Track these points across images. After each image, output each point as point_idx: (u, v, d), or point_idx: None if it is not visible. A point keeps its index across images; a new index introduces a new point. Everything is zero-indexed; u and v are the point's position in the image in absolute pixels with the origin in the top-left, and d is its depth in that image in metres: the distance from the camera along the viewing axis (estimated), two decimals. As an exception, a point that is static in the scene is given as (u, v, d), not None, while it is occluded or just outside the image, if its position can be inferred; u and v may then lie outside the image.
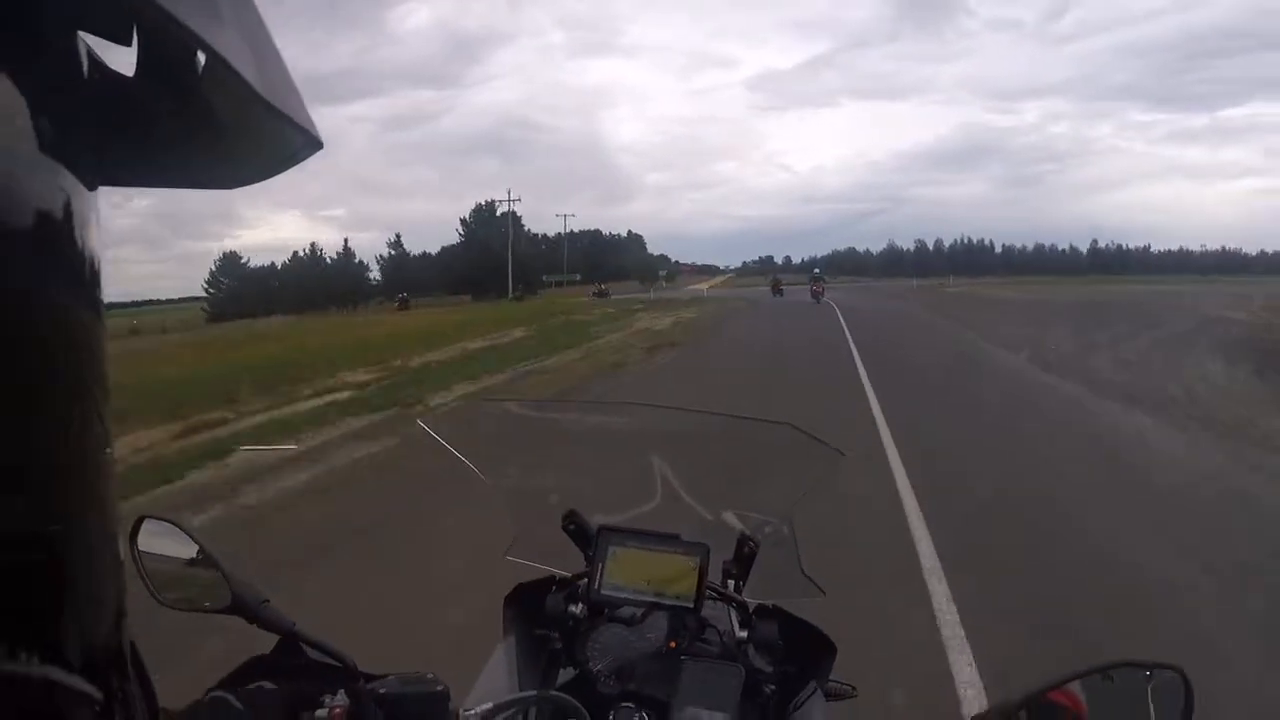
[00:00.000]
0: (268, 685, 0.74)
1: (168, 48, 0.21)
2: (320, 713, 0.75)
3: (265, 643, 0.82)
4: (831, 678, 1.02)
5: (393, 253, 71.17)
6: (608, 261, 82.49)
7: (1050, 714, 0.74)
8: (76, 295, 0.22)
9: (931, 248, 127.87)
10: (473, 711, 0.79)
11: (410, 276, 65.44)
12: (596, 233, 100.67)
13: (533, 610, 1.05)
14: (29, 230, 0.19)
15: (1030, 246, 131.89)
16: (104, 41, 0.22)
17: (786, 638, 0.99)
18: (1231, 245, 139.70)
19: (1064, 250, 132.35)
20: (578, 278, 63.45)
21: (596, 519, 1.08)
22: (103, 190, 0.23)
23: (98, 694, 0.22)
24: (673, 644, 0.96)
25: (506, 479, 1.23)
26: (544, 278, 60.65)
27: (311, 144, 0.27)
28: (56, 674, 0.21)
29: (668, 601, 0.96)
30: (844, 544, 3.39)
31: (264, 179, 0.29)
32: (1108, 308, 23.46)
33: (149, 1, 0.19)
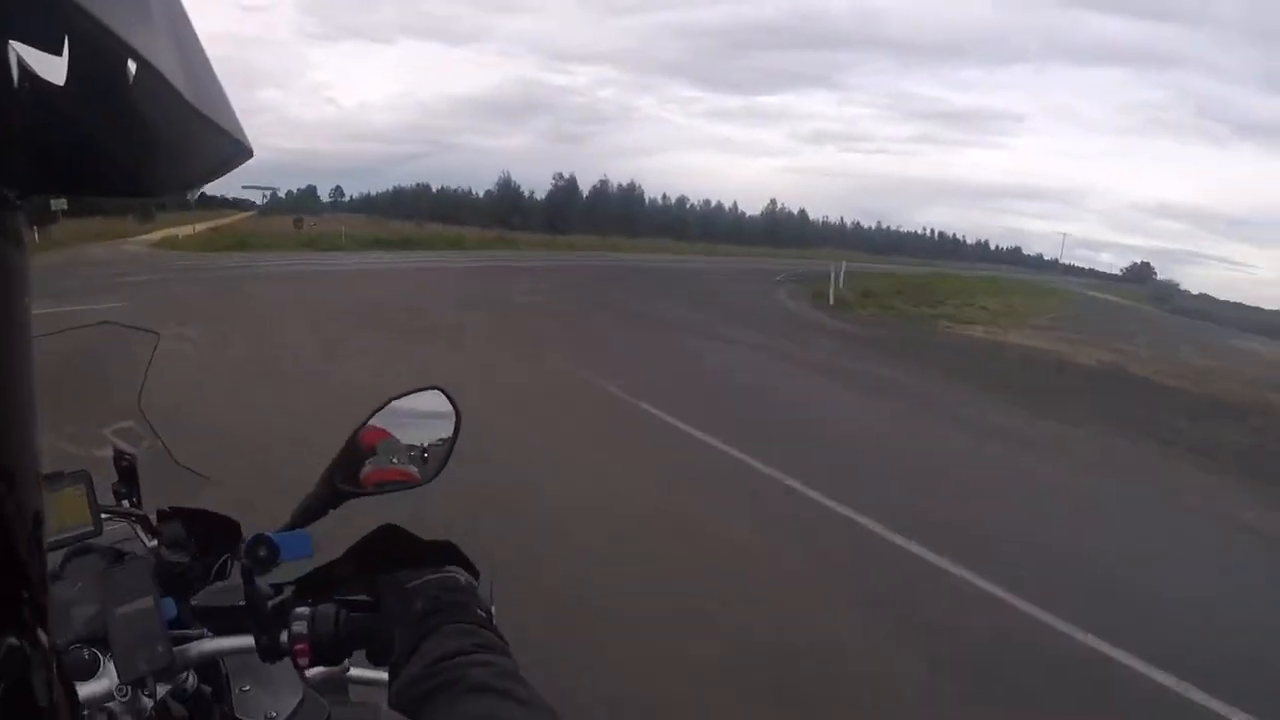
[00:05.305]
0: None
1: (99, 57, 0.21)
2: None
3: None
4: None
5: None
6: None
7: (358, 449, 0.90)
8: (3, 305, 0.22)
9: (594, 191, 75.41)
10: None
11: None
12: None
13: None
14: None
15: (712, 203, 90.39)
16: (34, 50, 0.22)
17: (194, 531, 1.01)
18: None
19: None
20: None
21: None
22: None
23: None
24: None
25: None
26: None
27: (242, 152, 0.28)
28: None
29: (70, 533, 0.95)
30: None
31: (195, 187, 0.29)
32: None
33: (81, 10, 0.19)
